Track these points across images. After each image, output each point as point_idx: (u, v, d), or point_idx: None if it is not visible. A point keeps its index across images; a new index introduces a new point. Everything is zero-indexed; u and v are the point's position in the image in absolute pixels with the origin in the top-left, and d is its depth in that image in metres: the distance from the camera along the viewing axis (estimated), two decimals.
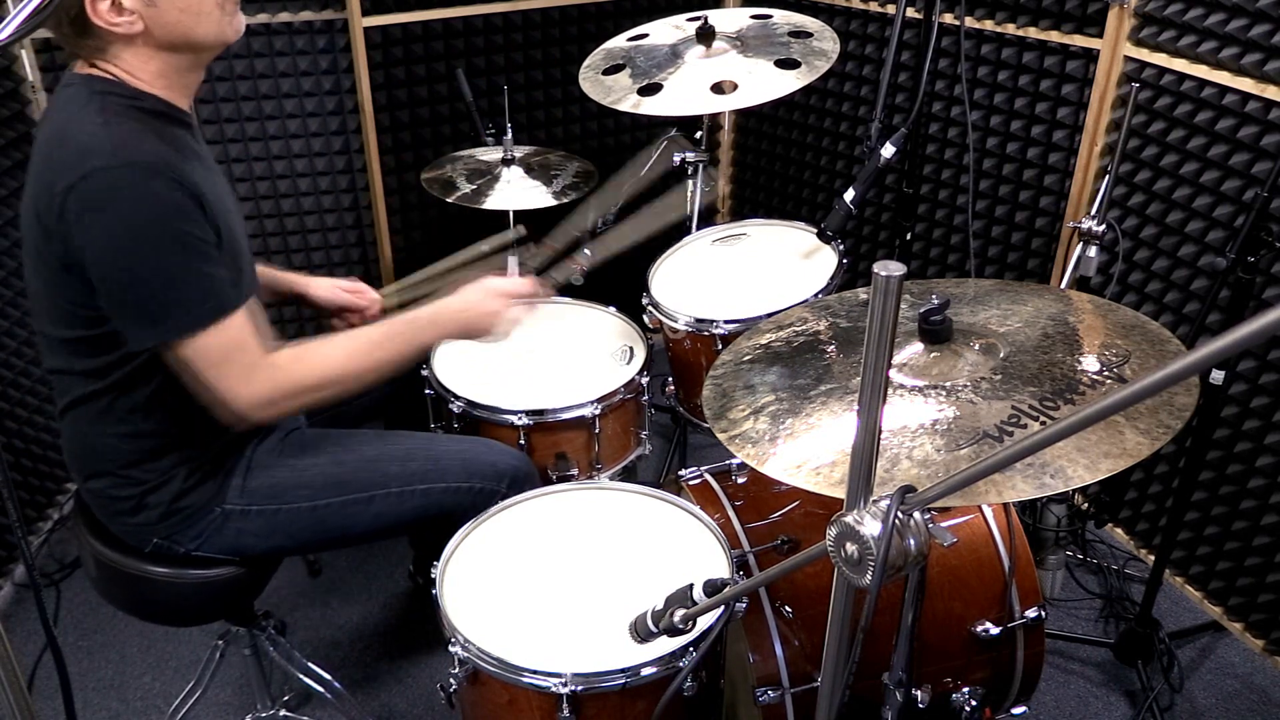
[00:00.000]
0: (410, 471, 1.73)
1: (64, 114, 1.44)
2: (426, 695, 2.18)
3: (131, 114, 1.44)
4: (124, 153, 1.37)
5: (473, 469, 1.75)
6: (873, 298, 0.81)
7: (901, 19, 2.17)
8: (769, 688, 1.58)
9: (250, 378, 1.47)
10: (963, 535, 1.69)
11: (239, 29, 1.53)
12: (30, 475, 2.51)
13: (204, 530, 1.65)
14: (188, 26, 1.45)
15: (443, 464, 1.75)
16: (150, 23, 1.42)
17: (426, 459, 1.76)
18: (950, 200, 2.73)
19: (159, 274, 1.40)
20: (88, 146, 1.37)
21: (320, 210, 2.86)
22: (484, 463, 1.77)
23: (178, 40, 1.46)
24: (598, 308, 2.30)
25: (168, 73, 1.48)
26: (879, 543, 0.84)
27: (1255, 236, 1.71)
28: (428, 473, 1.73)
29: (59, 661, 1.40)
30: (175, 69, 1.49)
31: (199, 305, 1.43)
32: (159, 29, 1.43)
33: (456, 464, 1.76)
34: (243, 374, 1.46)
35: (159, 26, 1.43)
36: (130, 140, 1.39)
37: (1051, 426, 0.71)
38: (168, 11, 1.42)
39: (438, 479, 1.73)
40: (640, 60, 2.26)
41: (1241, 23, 1.98)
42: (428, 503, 1.72)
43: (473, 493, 1.70)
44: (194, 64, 1.52)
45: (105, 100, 1.43)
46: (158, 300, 1.41)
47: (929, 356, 1.25)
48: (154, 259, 1.39)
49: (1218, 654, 2.25)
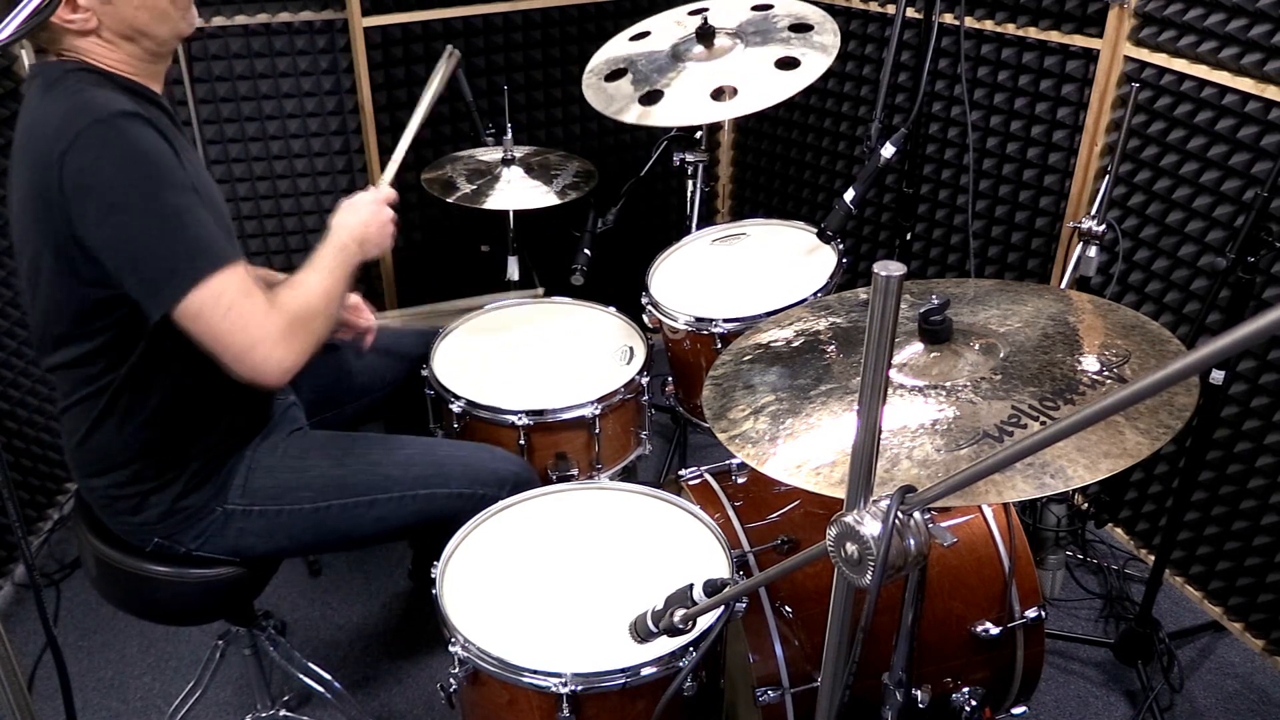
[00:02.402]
0: (413, 476, 1.73)
1: (42, 96, 1.45)
2: (426, 695, 2.18)
3: (107, 84, 1.46)
4: (110, 106, 1.39)
5: (475, 475, 1.76)
6: (873, 298, 0.81)
7: (901, 19, 2.17)
8: (769, 688, 1.58)
9: (264, 319, 1.45)
10: (963, 535, 1.69)
11: (193, 22, 1.56)
12: (30, 475, 2.51)
13: (205, 530, 1.65)
14: (143, 21, 1.48)
15: (445, 469, 1.76)
16: (104, 18, 1.45)
17: (429, 464, 1.76)
18: (950, 200, 2.73)
19: (164, 215, 1.40)
20: (72, 111, 1.39)
21: (320, 210, 2.86)
22: (486, 469, 1.77)
23: (131, 33, 1.48)
24: (598, 308, 2.30)
25: (131, 60, 1.51)
26: (879, 543, 0.84)
27: (1255, 236, 1.71)
28: (430, 478, 1.74)
29: (59, 661, 1.40)
30: (137, 57, 1.51)
31: (207, 248, 1.42)
32: (114, 24, 1.46)
33: (459, 470, 1.76)
34: (257, 316, 1.45)
35: (114, 21, 1.46)
36: (112, 98, 1.42)
37: (1051, 426, 0.71)
38: (122, 8, 1.45)
39: (440, 484, 1.74)
40: (641, 65, 2.26)
41: (1241, 23, 1.98)
42: (430, 508, 1.73)
43: (475, 499, 1.70)
44: (154, 53, 1.54)
45: (80, 75, 1.45)
46: (163, 251, 1.40)
47: (929, 356, 1.25)
48: (155, 201, 1.40)
49: (1218, 654, 2.25)
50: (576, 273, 2.27)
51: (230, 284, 1.43)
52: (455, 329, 2.22)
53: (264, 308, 1.46)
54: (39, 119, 1.43)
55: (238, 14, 2.60)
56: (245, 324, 1.43)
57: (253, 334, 1.44)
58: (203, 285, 1.41)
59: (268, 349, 1.45)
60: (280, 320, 1.47)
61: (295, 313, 1.50)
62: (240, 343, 1.44)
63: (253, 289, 1.46)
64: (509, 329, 2.25)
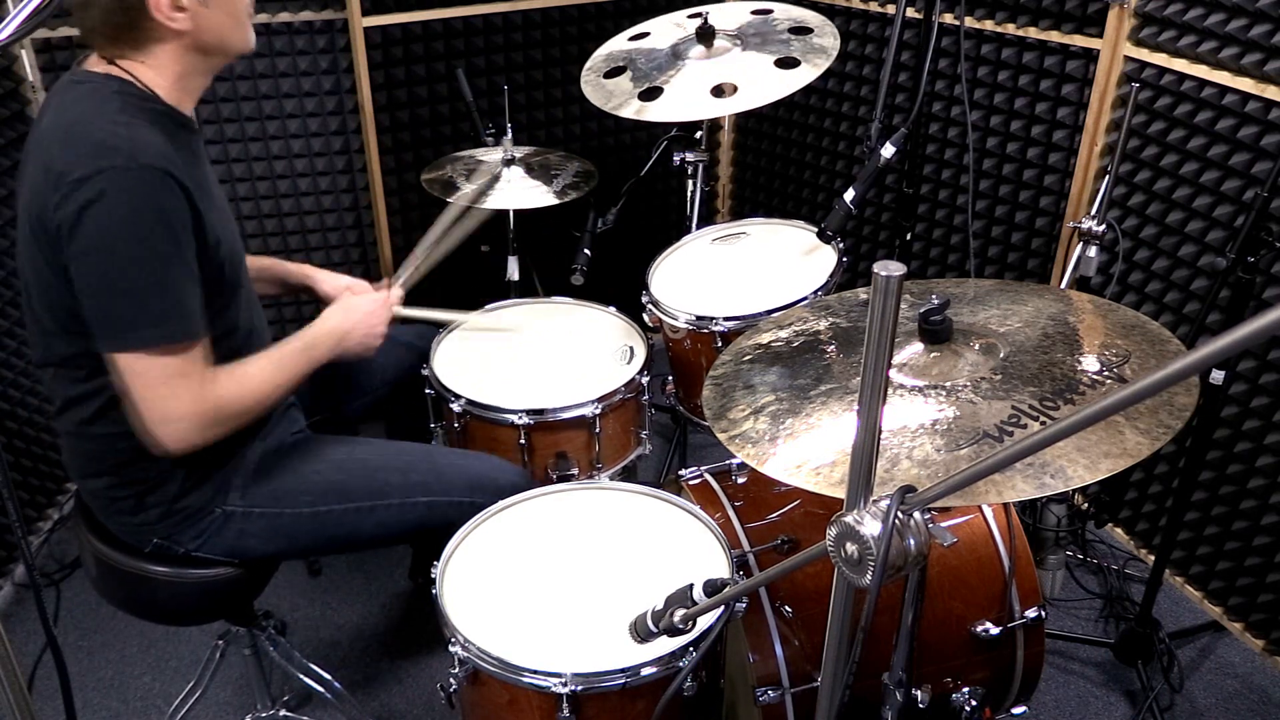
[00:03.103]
0: (412, 483, 1.74)
1: (79, 108, 1.44)
2: (426, 695, 2.18)
3: (147, 115, 1.46)
4: (142, 156, 1.39)
5: (475, 484, 1.76)
6: (873, 298, 0.81)
7: (901, 19, 2.17)
8: (769, 688, 1.58)
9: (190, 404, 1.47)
10: (963, 535, 1.69)
11: (253, 41, 1.58)
12: (30, 475, 2.51)
13: (204, 531, 1.65)
14: (228, 30, 1.51)
15: (445, 477, 1.76)
16: (198, 23, 1.46)
17: (429, 471, 1.77)
18: (950, 200, 2.73)
19: (145, 278, 1.41)
20: (107, 144, 1.39)
21: (320, 210, 2.86)
22: (486, 478, 1.78)
23: (213, 43, 1.51)
24: (598, 307, 2.30)
25: (186, 75, 1.52)
26: (879, 543, 0.84)
27: (1255, 236, 1.71)
28: (429, 485, 1.74)
29: (59, 661, 1.40)
30: (195, 72, 1.53)
31: (173, 322, 1.44)
32: (202, 30, 1.47)
33: (459, 478, 1.77)
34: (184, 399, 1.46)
35: (203, 28, 1.47)
36: (150, 145, 1.41)
37: (1051, 426, 0.71)
38: (216, 14, 1.47)
39: (441, 492, 1.74)
40: (641, 62, 2.26)
41: (1241, 23, 1.98)
42: (429, 515, 1.73)
43: (474, 507, 1.70)
44: (211, 68, 1.56)
45: (125, 100, 1.45)
46: (136, 304, 1.41)
47: (929, 356, 1.25)
48: (145, 264, 1.40)
49: (1218, 654, 2.25)
50: (576, 273, 2.27)
51: (174, 362, 1.44)
52: (455, 329, 2.22)
53: (194, 393, 1.47)
54: (71, 133, 1.41)
55: None
56: (168, 401, 1.46)
57: (170, 412, 1.47)
58: (148, 350, 1.42)
59: (179, 430, 1.48)
60: (206, 408, 1.49)
61: (228, 407, 1.53)
62: (155, 415, 1.47)
63: (192, 371, 1.47)
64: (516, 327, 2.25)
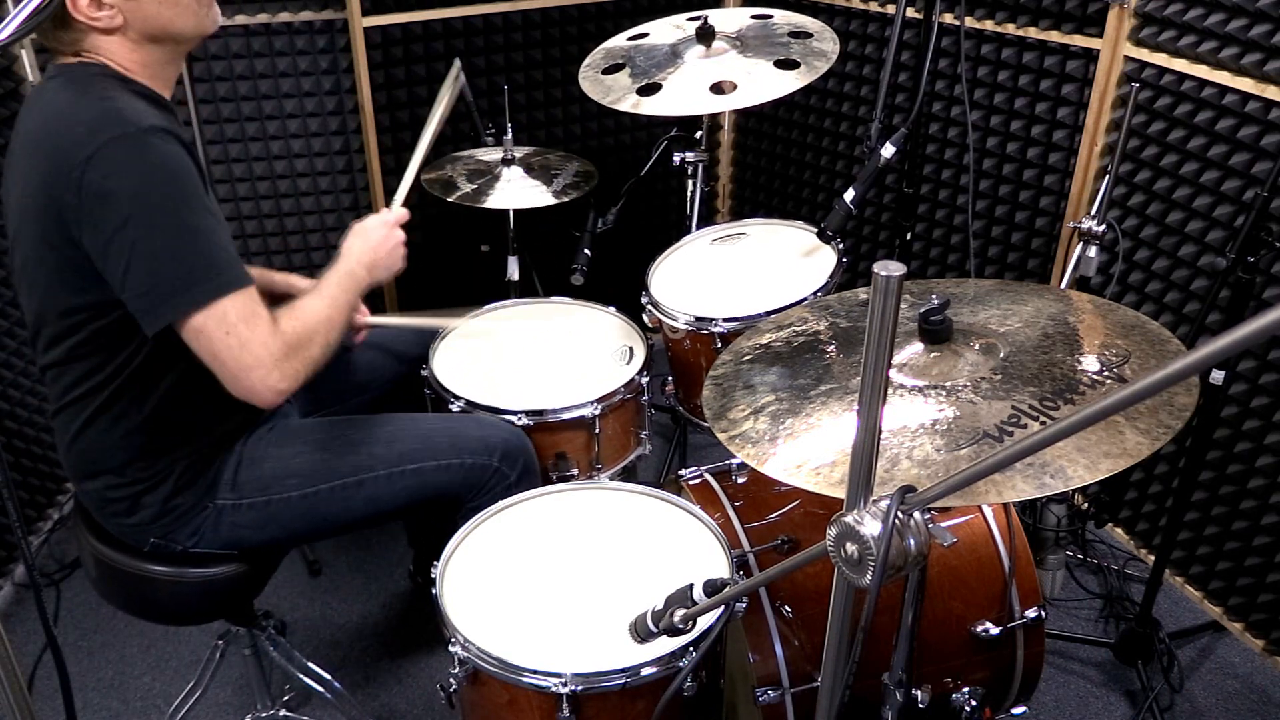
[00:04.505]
0: (398, 452, 1.72)
1: (65, 95, 1.44)
2: (426, 695, 2.18)
3: (130, 91, 1.45)
4: (138, 120, 1.38)
5: (461, 444, 1.74)
6: (873, 298, 0.81)
7: (901, 19, 2.17)
8: (769, 688, 1.58)
9: (264, 344, 1.46)
10: (963, 535, 1.69)
11: (216, 20, 1.55)
12: (30, 475, 2.51)
13: (199, 527, 1.65)
14: (167, 19, 1.47)
15: (431, 441, 1.74)
16: (129, 16, 1.44)
17: (414, 438, 1.75)
18: (950, 200, 2.73)
19: (182, 238, 1.40)
20: (99, 120, 1.38)
21: (320, 210, 2.86)
22: (472, 437, 1.76)
23: (157, 32, 1.48)
24: (597, 308, 2.30)
25: (149, 63, 1.50)
26: (879, 543, 0.84)
27: (1255, 236, 1.71)
28: (416, 451, 1.72)
29: (59, 661, 1.40)
30: (156, 60, 1.51)
31: (222, 271, 1.43)
32: (138, 22, 1.45)
33: (444, 441, 1.75)
34: (258, 340, 1.45)
35: (138, 19, 1.45)
36: (140, 110, 1.41)
37: (1051, 426, 0.71)
38: (149, 5, 1.44)
39: (427, 457, 1.72)
40: (640, 60, 2.26)
41: (1241, 23, 1.98)
42: (420, 482, 1.72)
43: (464, 469, 1.69)
44: (173, 55, 1.54)
45: (104, 80, 1.44)
46: (182, 266, 1.40)
47: (929, 356, 1.25)
48: (174, 218, 1.39)
49: (1218, 654, 2.25)
50: (576, 273, 2.27)
51: (235, 307, 1.43)
52: (455, 329, 2.22)
53: (265, 332, 1.46)
54: (62, 121, 1.41)
55: (237, 14, 2.60)
56: (245, 347, 1.44)
57: (251, 357, 1.45)
58: (209, 306, 1.41)
59: (264, 373, 1.46)
60: (279, 346, 1.48)
61: (295, 340, 1.51)
62: (238, 364, 1.45)
63: (257, 313, 1.46)
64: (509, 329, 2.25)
